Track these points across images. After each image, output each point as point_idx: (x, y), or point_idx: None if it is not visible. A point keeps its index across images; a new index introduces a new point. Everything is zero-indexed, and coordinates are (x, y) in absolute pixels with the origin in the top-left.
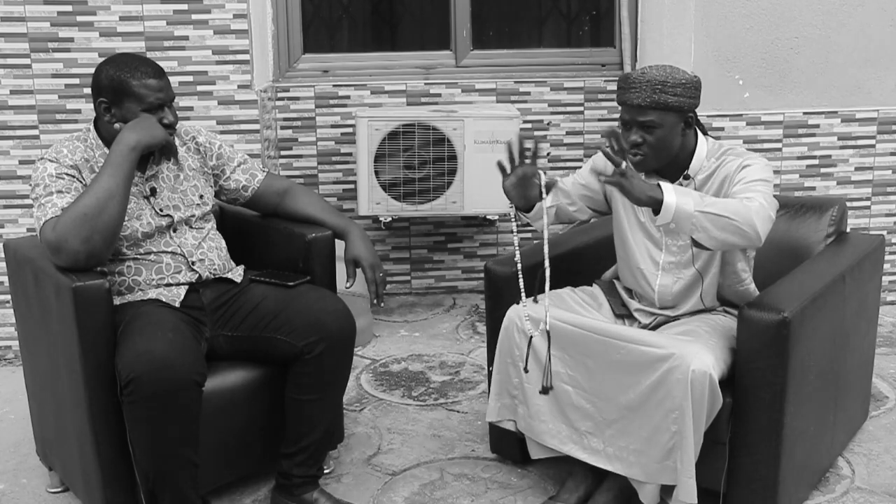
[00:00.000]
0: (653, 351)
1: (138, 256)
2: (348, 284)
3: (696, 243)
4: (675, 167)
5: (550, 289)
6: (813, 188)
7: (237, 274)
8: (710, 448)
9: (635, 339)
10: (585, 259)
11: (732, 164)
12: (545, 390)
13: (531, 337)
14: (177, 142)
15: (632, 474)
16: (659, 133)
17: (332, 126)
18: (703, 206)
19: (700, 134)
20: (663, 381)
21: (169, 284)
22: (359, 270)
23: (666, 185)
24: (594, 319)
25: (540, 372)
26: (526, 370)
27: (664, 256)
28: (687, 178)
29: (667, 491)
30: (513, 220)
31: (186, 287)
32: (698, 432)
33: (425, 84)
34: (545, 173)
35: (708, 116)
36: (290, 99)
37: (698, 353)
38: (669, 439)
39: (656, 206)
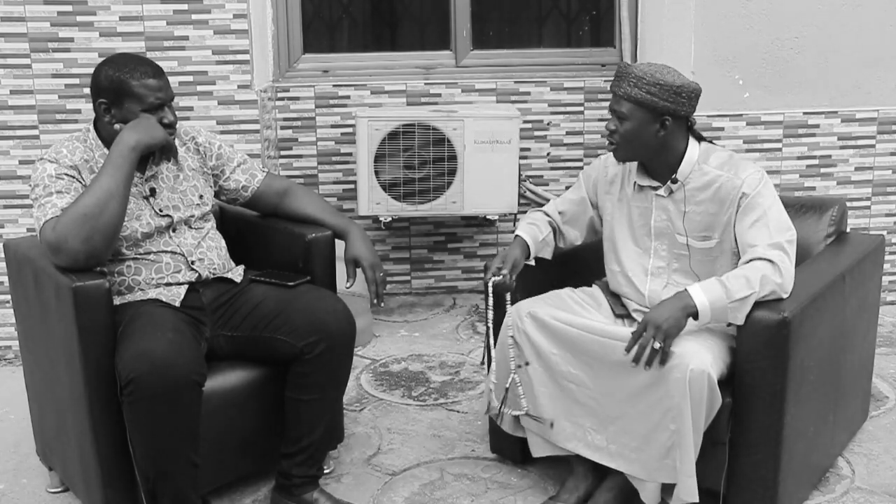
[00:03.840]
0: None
1: (138, 256)
2: (348, 284)
3: (728, 324)
4: (665, 168)
5: (551, 289)
6: (813, 188)
7: (237, 274)
8: (710, 448)
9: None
10: (585, 259)
11: (731, 188)
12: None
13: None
14: (176, 142)
15: (633, 471)
16: (627, 125)
17: (332, 126)
18: (735, 294)
19: (692, 138)
20: (662, 380)
21: (169, 284)
22: (359, 270)
23: (694, 291)
24: (593, 320)
25: (541, 367)
26: (524, 363)
27: (652, 261)
28: (675, 181)
29: (667, 491)
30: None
31: (186, 286)
32: (697, 431)
33: (425, 84)
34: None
35: (708, 116)
36: (290, 99)
37: (697, 352)
38: (668, 438)
39: (694, 316)
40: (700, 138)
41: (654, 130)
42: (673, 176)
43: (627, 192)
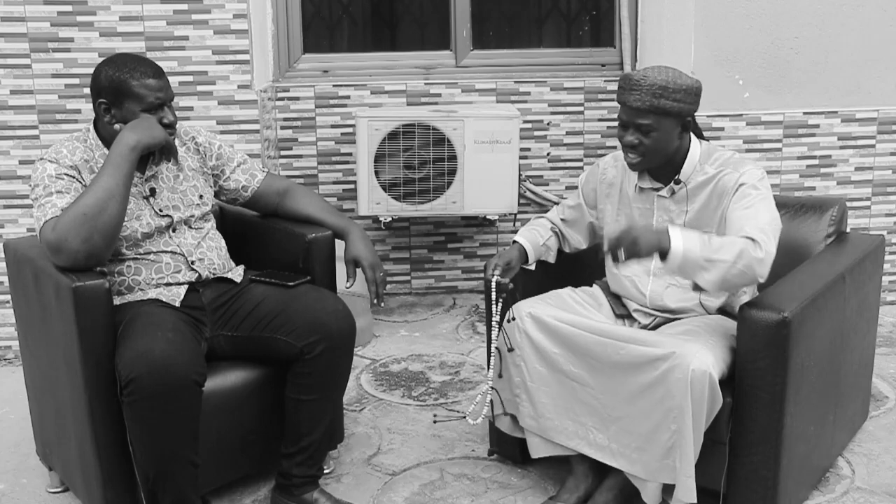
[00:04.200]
0: (652, 350)
1: (138, 256)
2: (348, 284)
3: (695, 286)
4: (668, 170)
5: (551, 289)
6: (813, 188)
7: (237, 274)
8: (710, 448)
9: (634, 339)
10: (585, 259)
11: (730, 180)
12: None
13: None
14: (176, 142)
15: (634, 471)
16: (655, 136)
17: (332, 126)
18: (711, 253)
19: (694, 137)
20: (663, 380)
21: (169, 284)
22: (359, 270)
23: (674, 231)
24: (594, 320)
25: (541, 367)
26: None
27: (654, 262)
28: (678, 182)
29: (668, 491)
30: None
31: (186, 286)
32: (698, 432)
33: (425, 84)
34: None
35: (708, 116)
36: (290, 99)
37: (698, 352)
38: (669, 438)
39: (664, 254)
40: (701, 135)
41: (677, 134)
42: (676, 177)
43: (628, 194)
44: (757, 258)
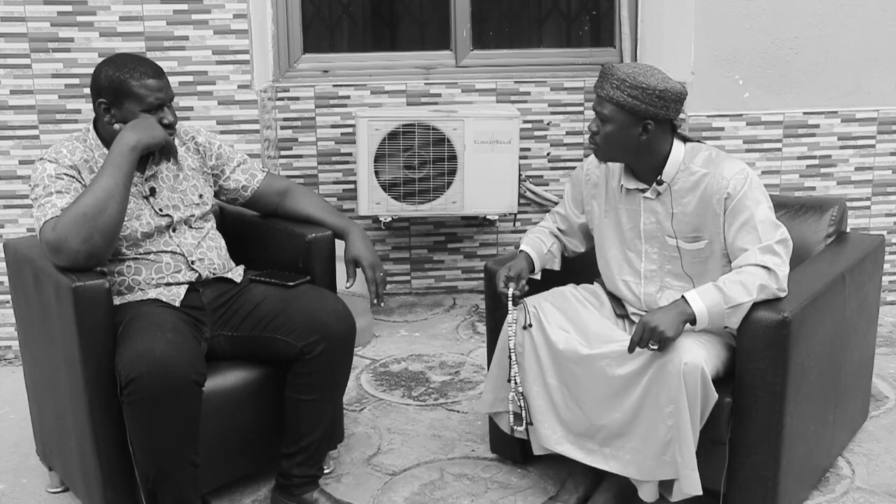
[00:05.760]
0: (646, 354)
1: (138, 256)
2: (348, 284)
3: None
4: (649, 170)
5: (553, 286)
6: (813, 188)
7: (237, 274)
8: (710, 448)
9: (624, 351)
10: (586, 258)
11: (715, 188)
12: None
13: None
14: (176, 142)
15: (628, 473)
16: (608, 128)
17: (332, 126)
18: (731, 300)
19: (677, 140)
20: (657, 377)
21: (169, 284)
22: (359, 270)
23: (690, 296)
24: (592, 327)
25: (536, 366)
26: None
27: (644, 265)
28: (660, 182)
29: (665, 487)
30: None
31: (186, 286)
32: (695, 425)
33: (425, 84)
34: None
35: (708, 116)
36: (290, 99)
37: (689, 347)
38: (666, 433)
39: (691, 321)
40: (685, 139)
41: (636, 134)
42: (658, 178)
43: (614, 195)
44: (774, 289)
